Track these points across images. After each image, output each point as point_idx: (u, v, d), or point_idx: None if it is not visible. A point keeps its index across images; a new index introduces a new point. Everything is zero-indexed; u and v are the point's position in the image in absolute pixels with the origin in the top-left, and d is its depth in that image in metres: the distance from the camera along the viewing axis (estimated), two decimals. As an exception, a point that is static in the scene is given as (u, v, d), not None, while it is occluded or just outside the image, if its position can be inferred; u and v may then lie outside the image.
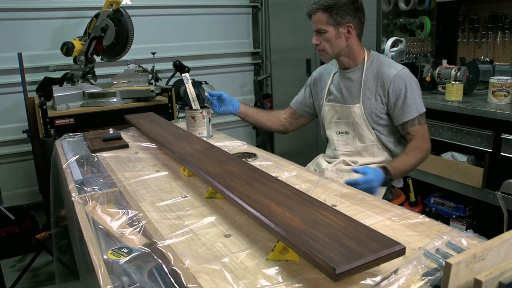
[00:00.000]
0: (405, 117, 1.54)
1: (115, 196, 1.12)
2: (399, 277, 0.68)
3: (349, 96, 1.63)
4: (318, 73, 1.79)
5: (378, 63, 1.60)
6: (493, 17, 2.50)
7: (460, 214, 2.36)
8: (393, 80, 1.54)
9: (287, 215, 0.81)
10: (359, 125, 1.61)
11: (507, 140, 1.99)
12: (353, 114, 1.61)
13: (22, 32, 3.06)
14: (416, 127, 1.55)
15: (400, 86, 1.54)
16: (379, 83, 1.57)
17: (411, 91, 1.54)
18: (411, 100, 1.53)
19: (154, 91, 2.79)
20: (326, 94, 1.71)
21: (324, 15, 1.54)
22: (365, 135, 1.61)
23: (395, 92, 1.54)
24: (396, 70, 1.55)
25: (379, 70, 1.58)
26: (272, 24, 3.65)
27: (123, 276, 0.74)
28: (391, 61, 1.62)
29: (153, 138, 1.52)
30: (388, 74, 1.55)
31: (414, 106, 1.53)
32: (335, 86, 1.69)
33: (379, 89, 1.58)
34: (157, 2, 3.48)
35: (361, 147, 1.63)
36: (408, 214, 0.95)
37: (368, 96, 1.59)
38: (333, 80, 1.70)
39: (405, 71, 1.57)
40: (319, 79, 1.77)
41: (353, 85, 1.63)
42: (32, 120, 2.66)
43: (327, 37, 1.57)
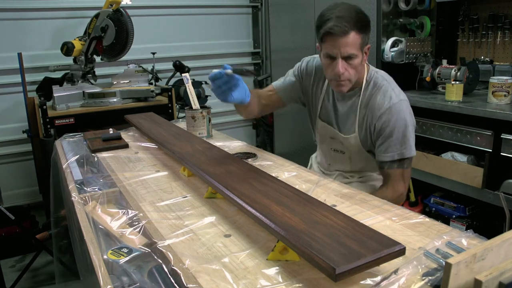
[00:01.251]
0: (384, 156, 1.36)
1: (115, 196, 1.12)
2: (399, 277, 0.68)
3: (343, 125, 1.45)
4: (309, 67, 1.52)
5: (375, 86, 1.38)
6: (493, 17, 2.50)
7: (460, 214, 2.36)
8: (383, 113, 1.33)
9: (287, 215, 0.81)
10: (355, 151, 1.46)
11: (507, 140, 1.99)
12: (347, 142, 1.45)
13: (22, 32, 3.06)
14: (394, 170, 1.36)
15: (388, 122, 1.33)
16: (369, 115, 1.37)
17: (401, 130, 1.33)
18: (396, 141, 1.33)
19: (154, 91, 2.79)
20: (320, 108, 1.50)
21: (358, 37, 1.25)
22: (362, 157, 1.47)
23: (382, 127, 1.34)
24: (390, 102, 1.33)
25: (373, 98, 1.37)
26: (272, 24, 3.65)
27: (123, 276, 0.74)
28: (389, 86, 1.37)
29: (153, 138, 1.52)
30: (380, 105, 1.34)
31: (398, 148, 1.33)
32: (329, 105, 1.48)
33: (368, 121, 1.38)
34: (157, 2, 3.48)
35: (358, 167, 1.51)
36: (408, 214, 0.95)
37: (361, 126, 1.41)
38: (327, 93, 1.48)
39: (402, 105, 1.34)
40: (311, 76, 1.51)
41: (348, 112, 1.43)
42: (32, 120, 2.66)
43: (356, 64, 1.29)
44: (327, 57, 1.30)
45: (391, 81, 1.41)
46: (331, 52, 1.27)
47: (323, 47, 1.30)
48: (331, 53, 1.28)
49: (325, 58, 1.31)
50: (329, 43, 1.26)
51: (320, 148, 1.61)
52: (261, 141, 4.10)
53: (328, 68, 1.32)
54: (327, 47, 1.28)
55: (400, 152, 1.34)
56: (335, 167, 1.56)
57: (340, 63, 1.27)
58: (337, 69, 1.28)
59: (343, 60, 1.28)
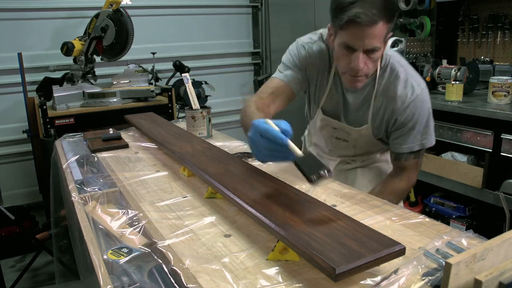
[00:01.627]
0: (403, 148, 1.26)
1: (115, 196, 1.12)
2: (399, 277, 0.68)
3: (353, 118, 1.32)
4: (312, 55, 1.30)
5: (392, 73, 1.23)
6: (493, 17, 2.51)
7: (460, 214, 2.36)
8: (407, 107, 1.21)
9: (287, 215, 0.81)
10: (362, 140, 1.36)
11: (507, 140, 1.99)
12: (356, 133, 1.33)
13: (22, 32, 3.06)
14: (410, 161, 1.28)
15: (412, 115, 1.22)
16: (388, 106, 1.24)
17: (424, 121, 1.23)
18: (418, 132, 1.24)
19: (154, 91, 2.79)
20: (325, 100, 1.35)
21: (385, 27, 1.07)
22: (368, 143, 1.38)
23: (404, 121, 1.23)
24: (413, 93, 1.21)
25: (392, 88, 1.22)
26: (272, 24, 3.66)
27: (123, 276, 0.74)
28: (407, 73, 1.24)
29: (153, 138, 1.52)
30: (402, 97, 1.21)
31: (418, 138, 1.24)
32: (336, 96, 1.32)
33: (387, 113, 1.25)
34: (157, 2, 3.48)
35: (362, 151, 1.42)
36: (408, 214, 0.95)
37: (375, 117, 1.28)
38: (335, 84, 1.30)
39: (424, 94, 1.23)
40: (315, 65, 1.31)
41: (361, 103, 1.28)
42: (32, 120, 2.67)
43: (377, 58, 1.14)
44: (344, 47, 1.11)
45: (407, 66, 1.26)
46: (352, 43, 1.08)
47: (341, 35, 1.09)
48: (352, 45, 1.08)
49: (341, 48, 1.12)
50: (351, 33, 1.06)
51: (319, 133, 1.47)
52: (261, 141, 4.09)
53: (343, 60, 1.14)
54: (347, 36, 1.08)
55: (420, 143, 1.25)
56: (337, 153, 1.46)
57: (360, 57, 1.09)
58: (357, 64, 1.10)
59: (367, 53, 1.09)
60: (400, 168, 1.32)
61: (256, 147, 0.93)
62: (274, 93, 1.30)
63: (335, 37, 1.14)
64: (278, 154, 0.90)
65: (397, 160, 1.31)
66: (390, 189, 1.31)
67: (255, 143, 0.92)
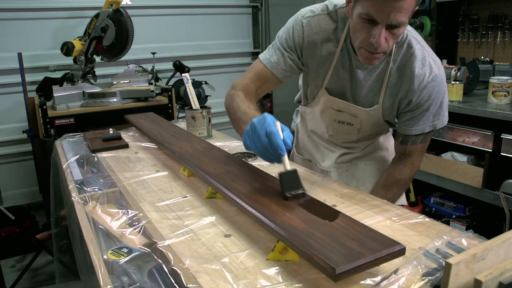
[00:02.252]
0: (412, 130, 1.19)
1: (115, 196, 1.12)
2: (399, 277, 0.68)
3: (362, 97, 1.22)
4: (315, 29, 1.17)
5: (409, 50, 1.13)
6: (493, 17, 2.51)
7: (460, 214, 2.36)
8: (425, 87, 1.13)
9: (287, 215, 0.81)
10: (369, 123, 1.27)
11: (507, 140, 2.00)
12: (364, 114, 1.24)
13: (22, 32, 3.06)
14: (417, 145, 1.22)
15: (428, 96, 1.14)
16: (403, 86, 1.15)
17: (438, 102, 1.16)
18: (431, 113, 1.17)
19: (154, 91, 2.79)
20: (330, 78, 1.22)
21: (414, 0, 0.96)
22: (373, 126, 1.30)
23: (419, 102, 1.15)
24: (432, 73, 1.13)
25: (408, 66, 1.13)
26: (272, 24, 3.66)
27: (123, 276, 0.74)
28: (425, 50, 1.14)
29: (153, 138, 1.52)
30: (420, 77, 1.12)
31: (431, 119, 1.18)
32: (343, 73, 1.19)
33: (401, 92, 1.16)
34: (157, 2, 3.48)
35: (365, 135, 1.34)
36: (408, 214, 0.95)
37: (388, 96, 1.19)
38: (342, 59, 1.18)
39: (441, 74, 1.14)
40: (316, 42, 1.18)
41: (373, 81, 1.18)
42: (32, 120, 2.67)
43: (399, 34, 1.02)
44: (364, 19, 0.98)
45: (423, 42, 1.16)
46: (374, 15, 0.95)
47: (364, 5, 0.97)
48: (375, 17, 0.96)
49: (361, 20, 0.99)
50: (376, 4, 0.94)
51: (319, 118, 1.35)
52: (261, 141, 4.09)
53: (362, 33, 1.01)
54: (371, 7, 0.95)
55: (432, 124, 1.18)
56: (338, 139, 1.38)
57: (383, 32, 0.97)
58: (378, 40, 0.98)
59: (390, 29, 0.98)
60: (404, 153, 1.25)
61: (253, 137, 0.91)
62: (259, 79, 1.24)
63: (355, 5, 1.01)
64: (267, 155, 0.90)
65: (404, 143, 1.23)
66: (393, 178, 1.26)
67: (256, 134, 0.90)
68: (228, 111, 1.21)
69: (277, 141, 0.86)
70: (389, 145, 1.46)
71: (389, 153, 1.44)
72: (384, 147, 1.43)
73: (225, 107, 1.24)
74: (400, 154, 1.28)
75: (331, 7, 1.17)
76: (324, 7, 1.18)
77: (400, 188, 1.27)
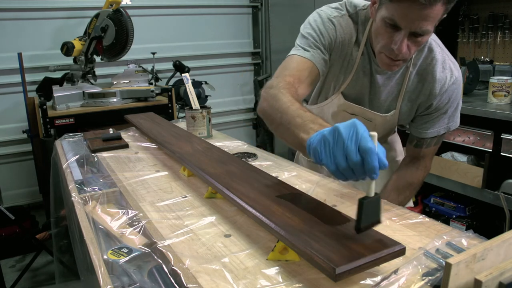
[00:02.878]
0: (428, 133, 1.18)
1: (115, 196, 1.12)
2: (399, 277, 0.68)
3: (380, 102, 1.18)
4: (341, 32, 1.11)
5: (430, 54, 1.10)
6: (493, 17, 2.51)
7: (460, 214, 2.36)
8: (446, 91, 1.11)
9: (287, 215, 0.81)
10: (383, 128, 1.24)
11: (507, 140, 1.99)
12: (380, 120, 1.20)
13: (22, 32, 3.06)
14: (431, 148, 1.21)
15: (448, 99, 1.13)
16: (424, 90, 1.12)
17: (456, 104, 1.16)
18: (447, 115, 1.16)
19: (154, 91, 2.79)
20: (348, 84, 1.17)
21: (443, 8, 0.92)
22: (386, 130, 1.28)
23: (439, 106, 1.14)
24: (452, 76, 1.11)
25: (429, 71, 1.11)
26: (272, 24, 3.66)
27: (123, 276, 0.74)
28: (445, 53, 1.12)
29: (153, 138, 1.52)
30: (441, 81, 1.10)
31: (446, 122, 1.17)
32: (362, 78, 1.15)
33: (421, 97, 1.14)
34: (157, 2, 3.48)
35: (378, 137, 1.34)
36: (408, 214, 0.95)
37: (406, 102, 1.16)
38: (363, 63, 1.14)
39: (460, 77, 1.14)
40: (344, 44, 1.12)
41: (392, 85, 1.15)
42: (32, 120, 2.67)
43: (423, 42, 0.97)
44: (388, 23, 0.94)
45: (442, 45, 1.14)
46: (398, 20, 0.91)
47: (389, 8, 0.92)
48: (399, 23, 0.91)
49: (383, 23, 0.95)
50: (401, 9, 0.89)
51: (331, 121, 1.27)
52: (261, 141, 4.10)
53: (384, 38, 0.97)
54: (396, 12, 0.90)
55: (446, 126, 1.17)
56: None
57: (405, 39, 0.93)
58: (400, 47, 0.94)
59: (413, 37, 0.94)
60: (417, 157, 1.23)
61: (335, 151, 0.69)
62: (301, 76, 1.07)
63: (379, 8, 0.96)
64: (349, 175, 0.70)
65: (418, 146, 1.21)
66: (405, 182, 1.23)
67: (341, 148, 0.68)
68: (269, 114, 0.99)
69: (374, 163, 0.66)
70: (397, 146, 1.44)
71: (397, 153, 1.43)
72: (392, 147, 1.42)
73: (263, 110, 1.02)
74: (412, 157, 1.26)
75: (351, 8, 1.13)
76: (344, 8, 1.13)
77: (412, 191, 1.26)
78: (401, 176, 1.26)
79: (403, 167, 1.29)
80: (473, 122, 2.13)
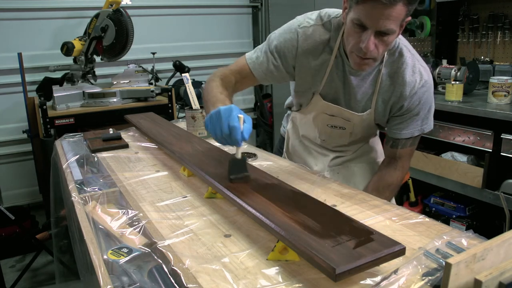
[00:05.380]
0: (402, 134, 1.24)
1: (115, 196, 1.12)
2: (399, 277, 0.68)
3: (356, 102, 1.25)
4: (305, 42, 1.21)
5: (401, 58, 1.18)
6: (493, 17, 2.51)
7: (460, 214, 2.36)
8: (415, 93, 1.18)
9: (287, 215, 0.81)
10: (361, 126, 1.31)
11: (507, 140, 1.99)
12: (357, 119, 1.28)
13: (22, 32, 3.06)
14: (406, 149, 1.27)
15: (419, 101, 1.19)
16: (395, 92, 1.19)
17: (428, 107, 1.22)
18: (420, 118, 1.22)
19: (154, 91, 2.79)
20: (323, 85, 1.25)
21: (404, 9, 0.99)
22: (365, 129, 1.34)
23: (409, 107, 1.20)
24: (422, 79, 1.18)
25: (400, 74, 1.18)
26: (272, 24, 3.66)
27: (123, 276, 0.74)
28: (415, 58, 1.20)
29: (153, 138, 1.52)
30: (411, 84, 1.17)
31: (419, 124, 1.23)
32: (337, 79, 1.22)
33: (393, 98, 1.21)
34: (157, 2, 3.48)
35: (357, 138, 1.38)
36: (408, 214, 0.95)
37: (380, 103, 1.23)
38: (336, 65, 1.21)
39: (430, 80, 1.20)
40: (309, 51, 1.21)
41: (365, 86, 1.22)
42: (32, 120, 2.67)
43: (389, 42, 1.06)
44: (356, 24, 1.03)
45: (413, 51, 1.22)
46: (365, 21, 1.00)
47: (355, 10, 1.01)
48: (365, 23, 1.00)
49: (353, 25, 1.04)
50: (366, 10, 0.98)
51: (312, 123, 1.38)
52: (261, 141, 4.10)
53: (353, 38, 1.06)
54: (361, 13, 1.00)
55: (420, 128, 1.23)
56: (330, 143, 1.41)
57: (371, 38, 1.02)
58: (367, 44, 1.02)
59: (379, 36, 1.02)
60: (394, 157, 1.29)
61: (215, 124, 0.97)
62: (240, 74, 1.29)
63: (349, 11, 1.05)
64: (223, 142, 0.99)
65: (394, 147, 1.28)
66: (385, 182, 1.29)
67: (219, 123, 0.96)
68: (203, 93, 1.28)
69: (237, 137, 0.94)
70: (378, 147, 1.50)
71: (378, 154, 1.48)
72: (373, 149, 1.48)
73: (203, 89, 1.30)
74: (390, 157, 1.32)
75: (325, 17, 1.21)
76: (318, 18, 1.22)
77: (392, 192, 1.30)
78: (380, 177, 1.31)
79: (382, 168, 1.34)
80: (473, 122, 2.13)
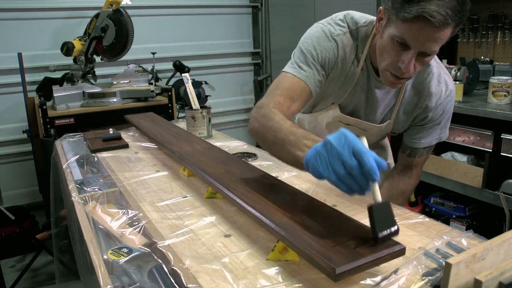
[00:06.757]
0: (421, 143, 1.21)
1: (115, 196, 1.12)
2: (399, 277, 0.68)
3: (376, 114, 1.19)
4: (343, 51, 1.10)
5: (426, 69, 1.12)
6: (493, 17, 2.51)
7: (460, 214, 2.36)
8: (441, 104, 1.14)
9: (287, 215, 0.81)
10: (376, 135, 1.28)
11: (507, 140, 1.99)
12: (374, 129, 1.23)
13: (22, 32, 3.06)
14: (423, 157, 1.24)
15: (442, 111, 1.16)
16: (421, 103, 1.15)
17: (448, 115, 1.19)
18: (440, 127, 1.19)
19: (154, 91, 2.79)
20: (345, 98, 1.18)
21: (451, 31, 0.90)
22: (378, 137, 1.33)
23: (433, 117, 1.16)
24: (447, 89, 1.14)
25: (425, 85, 1.13)
26: (272, 24, 3.66)
27: (123, 276, 0.74)
28: (440, 66, 1.15)
29: (153, 138, 1.52)
30: (437, 94, 1.13)
31: (438, 132, 1.20)
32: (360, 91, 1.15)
33: (417, 109, 1.16)
34: (157, 2, 3.48)
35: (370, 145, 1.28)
36: (408, 214, 0.95)
37: (401, 114, 1.19)
38: (362, 78, 1.13)
39: (454, 89, 1.17)
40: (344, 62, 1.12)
41: (389, 98, 1.16)
42: (32, 120, 2.67)
43: (428, 61, 0.99)
44: (397, 42, 0.93)
45: (437, 59, 1.15)
46: (409, 41, 0.91)
47: (400, 28, 0.91)
48: (409, 43, 0.91)
49: (391, 41, 0.94)
50: (413, 30, 0.89)
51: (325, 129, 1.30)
52: (261, 141, 4.09)
53: (391, 56, 0.96)
54: (407, 32, 0.90)
55: (438, 137, 1.21)
56: None
57: (413, 59, 0.93)
58: (407, 66, 0.93)
59: (421, 56, 0.94)
60: (409, 165, 1.26)
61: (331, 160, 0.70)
62: (291, 95, 1.06)
63: (388, 25, 0.94)
64: (351, 182, 0.69)
65: (411, 156, 1.24)
66: (399, 190, 1.27)
67: (336, 156, 0.69)
68: (262, 134, 0.98)
69: (371, 163, 0.66)
70: (388, 148, 1.50)
71: (387, 155, 1.48)
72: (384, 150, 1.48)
73: (254, 130, 1.01)
74: (405, 166, 1.28)
75: (352, 24, 1.11)
76: (345, 24, 1.11)
77: (405, 198, 1.30)
78: (394, 185, 1.28)
79: (395, 176, 1.31)
80: (473, 122, 2.12)
